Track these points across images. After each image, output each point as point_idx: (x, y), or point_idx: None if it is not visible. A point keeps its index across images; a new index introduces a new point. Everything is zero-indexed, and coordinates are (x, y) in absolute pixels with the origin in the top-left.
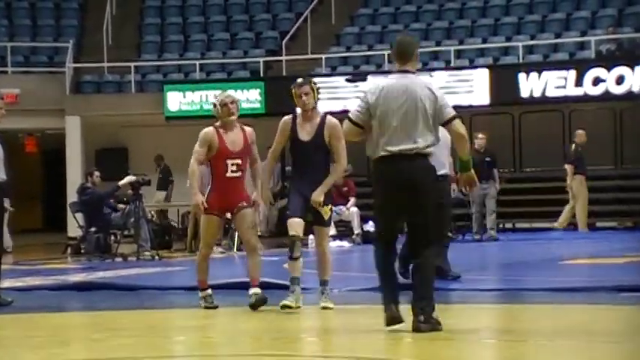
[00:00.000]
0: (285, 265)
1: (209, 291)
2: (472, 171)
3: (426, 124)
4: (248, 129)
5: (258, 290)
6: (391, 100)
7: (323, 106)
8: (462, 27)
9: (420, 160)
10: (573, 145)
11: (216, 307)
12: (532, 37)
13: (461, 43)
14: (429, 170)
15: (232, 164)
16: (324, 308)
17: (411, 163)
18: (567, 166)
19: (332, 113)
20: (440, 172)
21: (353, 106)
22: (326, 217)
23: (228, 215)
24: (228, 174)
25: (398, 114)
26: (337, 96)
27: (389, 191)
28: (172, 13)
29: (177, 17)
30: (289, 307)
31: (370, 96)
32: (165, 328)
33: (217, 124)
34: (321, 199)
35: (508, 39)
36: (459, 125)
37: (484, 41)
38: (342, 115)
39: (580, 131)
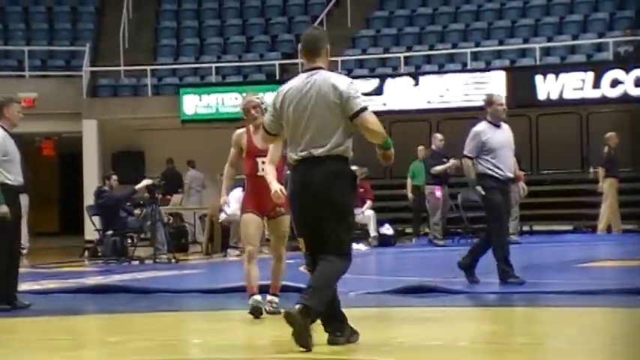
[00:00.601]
0: (301, 268)
1: (257, 297)
2: (391, 150)
3: (336, 123)
4: None
5: (276, 299)
6: (296, 102)
7: None
8: (479, 29)
9: (330, 163)
10: (606, 148)
11: (261, 313)
12: (549, 39)
13: (477, 45)
14: (342, 173)
15: (262, 162)
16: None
17: (320, 166)
18: (600, 169)
19: None
20: (507, 176)
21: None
22: None
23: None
24: (259, 172)
25: (304, 116)
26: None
27: (301, 199)
28: (188, 17)
29: (193, 21)
30: None
31: (276, 100)
32: (181, 331)
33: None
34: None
35: (525, 41)
36: (367, 119)
37: (501, 43)
38: None
39: (611, 133)
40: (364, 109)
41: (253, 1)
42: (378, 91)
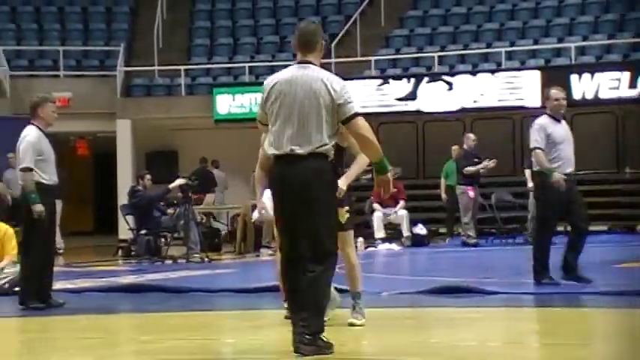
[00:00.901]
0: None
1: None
2: (388, 174)
3: (321, 122)
4: None
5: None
6: (284, 96)
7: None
8: (513, 28)
9: (313, 161)
10: None
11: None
12: (584, 39)
13: (512, 44)
14: (323, 172)
15: None
16: (351, 325)
17: (301, 164)
18: None
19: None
20: (566, 171)
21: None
22: (343, 221)
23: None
24: None
25: (289, 110)
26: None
27: (282, 196)
28: (222, 17)
29: (226, 20)
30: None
31: (265, 91)
32: (213, 330)
33: None
34: (345, 187)
35: (560, 40)
36: (359, 125)
37: (535, 43)
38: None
39: None
40: (358, 114)
41: (287, 1)
42: (413, 93)
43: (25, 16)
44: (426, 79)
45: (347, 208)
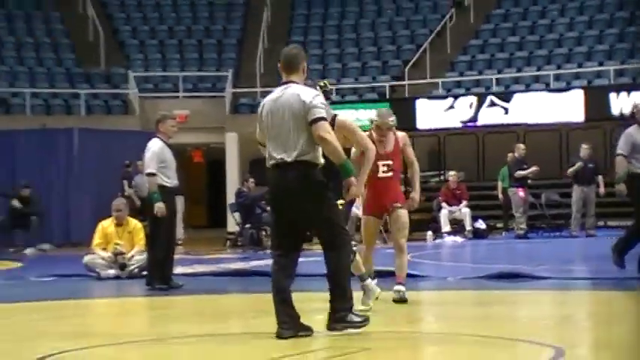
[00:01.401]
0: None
1: (368, 282)
2: (352, 178)
3: (301, 132)
4: (400, 134)
5: (402, 288)
6: (272, 113)
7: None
8: (560, 54)
9: (299, 167)
10: None
11: (376, 298)
12: (622, 62)
13: (559, 68)
14: (309, 178)
15: (383, 165)
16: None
17: (290, 171)
18: None
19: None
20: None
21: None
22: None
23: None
24: (380, 174)
25: (275, 125)
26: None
27: (274, 202)
28: (313, 47)
29: (317, 50)
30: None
31: (258, 113)
32: (306, 308)
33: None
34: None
35: (600, 64)
36: (320, 128)
37: (579, 66)
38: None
39: None
40: (321, 118)
41: (367, 33)
42: (475, 117)
43: (151, 48)
44: (486, 103)
45: (341, 201)
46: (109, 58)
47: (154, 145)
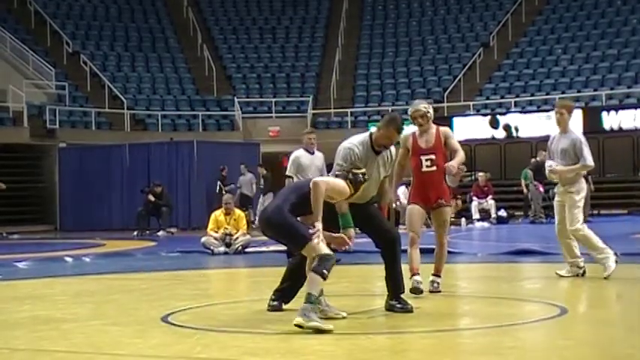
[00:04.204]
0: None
1: (417, 277)
2: (351, 230)
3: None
4: (442, 128)
5: (438, 279)
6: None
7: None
8: (563, 83)
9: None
10: None
11: (421, 292)
12: (612, 88)
13: (563, 93)
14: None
15: (426, 159)
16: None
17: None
18: None
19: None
20: None
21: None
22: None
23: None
24: (423, 169)
25: None
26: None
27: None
28: (373, 78)
29: (377, 80)
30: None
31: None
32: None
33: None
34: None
35: (595, 90)
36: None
37: (578, 91)
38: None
39: None
40: (335, 175)
41: (415, 67)
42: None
43: (251, 80)
44: (501, 126)
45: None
46: (220, 88)
47: (295, 153)
